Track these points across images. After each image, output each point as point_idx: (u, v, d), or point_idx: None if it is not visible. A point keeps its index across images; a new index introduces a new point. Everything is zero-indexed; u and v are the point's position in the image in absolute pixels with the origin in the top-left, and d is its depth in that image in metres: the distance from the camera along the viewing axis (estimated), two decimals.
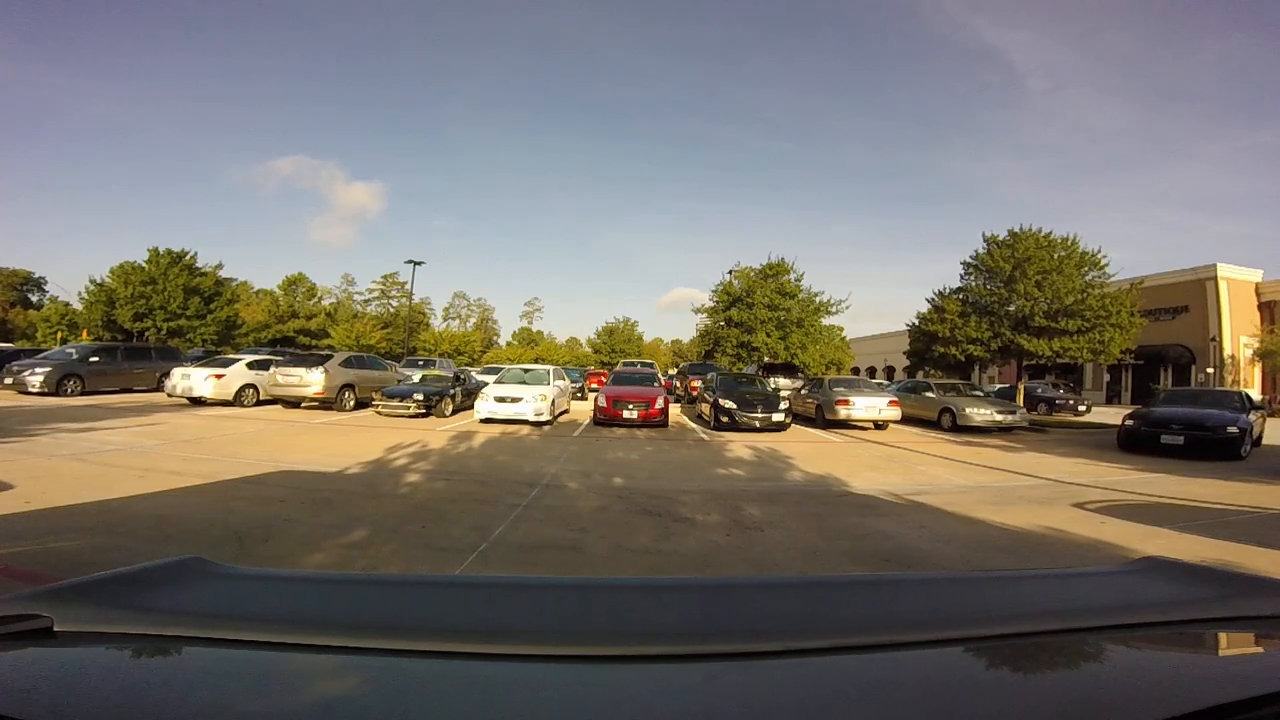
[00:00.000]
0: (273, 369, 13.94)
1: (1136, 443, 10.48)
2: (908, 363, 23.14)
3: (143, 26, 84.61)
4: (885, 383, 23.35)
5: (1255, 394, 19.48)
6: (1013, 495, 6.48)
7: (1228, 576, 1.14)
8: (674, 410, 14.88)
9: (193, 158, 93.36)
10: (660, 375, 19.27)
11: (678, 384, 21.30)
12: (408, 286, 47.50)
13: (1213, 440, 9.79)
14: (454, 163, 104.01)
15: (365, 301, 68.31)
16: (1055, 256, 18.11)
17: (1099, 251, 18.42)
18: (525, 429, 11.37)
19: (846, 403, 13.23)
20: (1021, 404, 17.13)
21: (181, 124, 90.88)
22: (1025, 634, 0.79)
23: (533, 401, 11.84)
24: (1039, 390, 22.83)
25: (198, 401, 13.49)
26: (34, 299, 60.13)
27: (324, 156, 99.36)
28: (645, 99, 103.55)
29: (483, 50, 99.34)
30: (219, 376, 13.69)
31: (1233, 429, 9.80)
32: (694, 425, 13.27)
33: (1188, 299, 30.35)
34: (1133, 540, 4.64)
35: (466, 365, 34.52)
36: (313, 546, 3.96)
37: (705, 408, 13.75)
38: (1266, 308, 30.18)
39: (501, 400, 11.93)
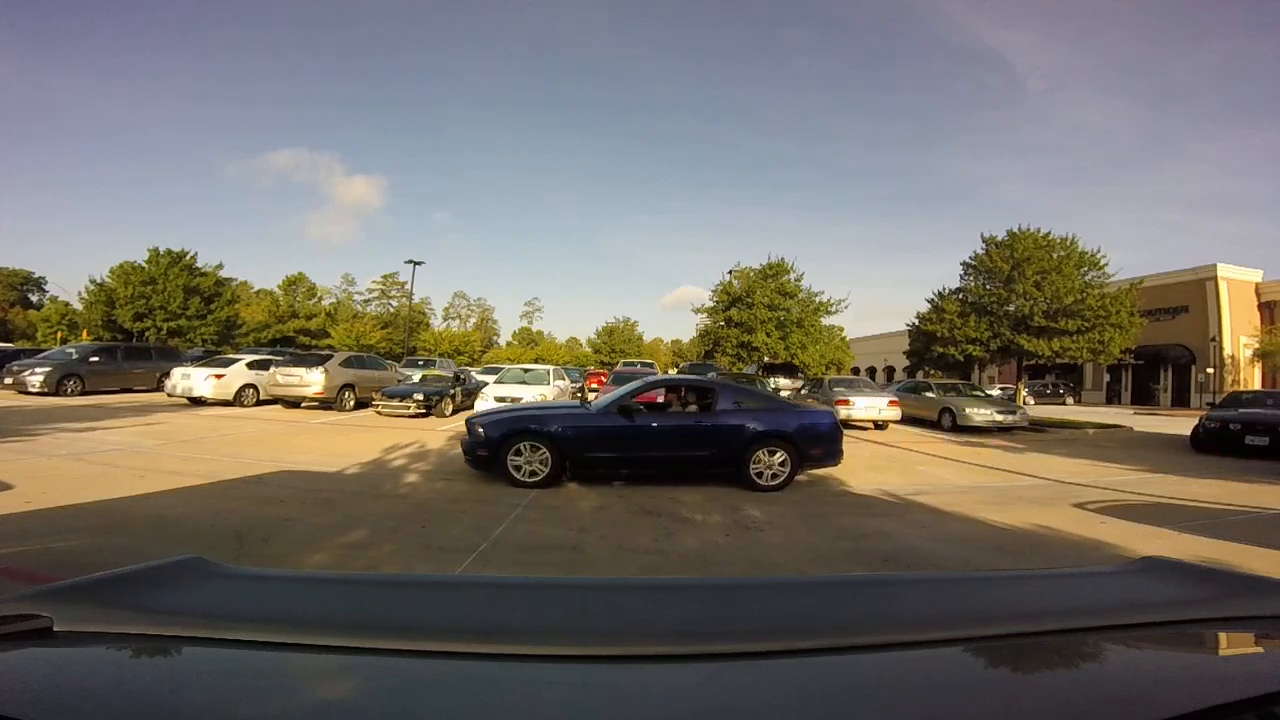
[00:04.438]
0: (273, 369, 13.93)
1: None
2: (908, 363, 23.15)
3: (142, 26, 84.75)
4: (886, 383, 23.44)
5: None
6: (1013, 495, 6.47)
7: (1228, 576, 1.14)
8: None
9: (193, 158, 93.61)
10: (660, 376, 19.26)
11: None
12: (408, 286, 47.51)
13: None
14: (453, 162, 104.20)
15: (365, 301, 68.25)
16: (1054, 256, 18.09)
17: (1098, 251, 18.42)
18: None
19: (846, 403, 13.23)
20: (1022, 402, 17.15)
21: (181, 123, 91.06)
22: (1025, 634, 0.79)
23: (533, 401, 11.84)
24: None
25: (198, 401, 13.49)
26: (34, 299, 60.11)
27: (324, 152, 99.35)
28: (645, 99, 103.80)
29: (483, 50, 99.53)
30: (219, 376, 13.68)
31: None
32: None
33: (1188, 299, 30.38)
34: (1133, 540, 4.64)
35: (466, 365, 34.49)
36: (313, 546, 3.96)
37: None
38: (1266, 308, 30.19)
39: (501, 400, 11.91)
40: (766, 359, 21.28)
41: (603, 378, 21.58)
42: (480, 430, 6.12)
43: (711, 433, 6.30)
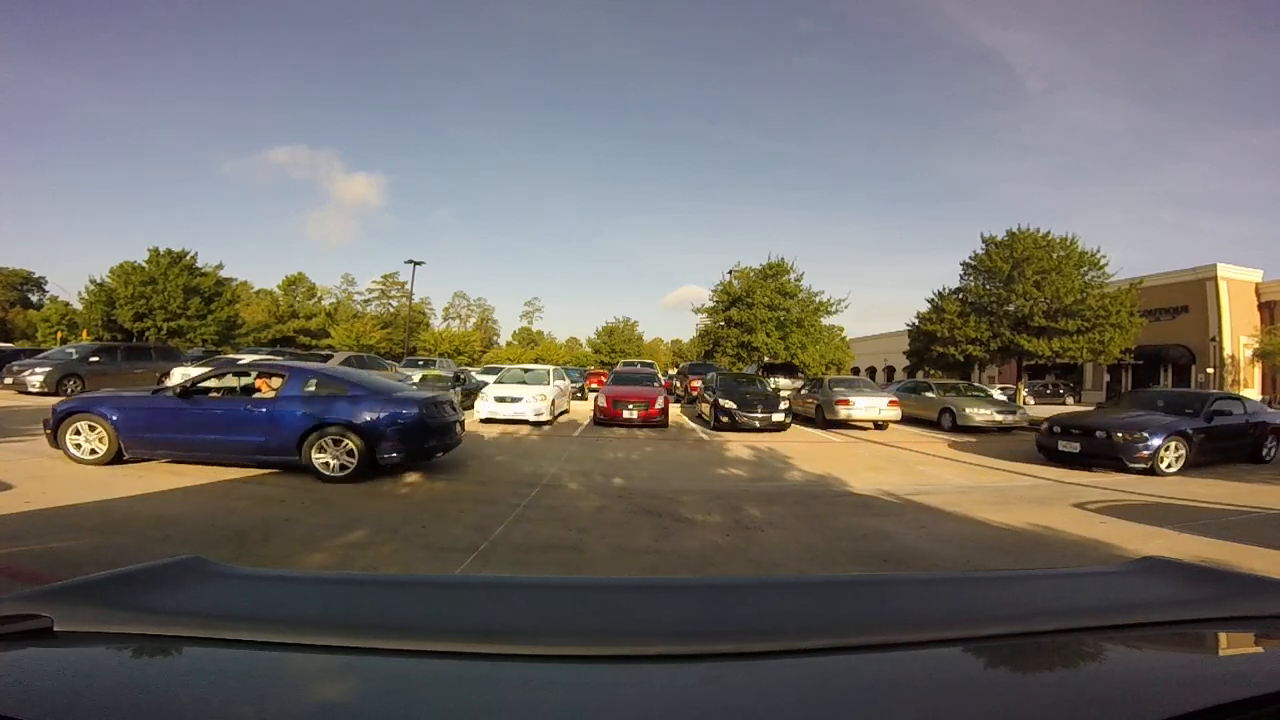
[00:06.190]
0: None
1: None
2: (908, 363, 23.16)
3: (142, 26, 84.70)
4: (886, 383, 23.46)
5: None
6: (1012, 495, 6.48)
7: (1228, 576, 1.14)
8: (674, 410, 14.87)
9: (193, 158, 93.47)
10: (660, 375, 19.27)
11: (678, 384, 21.29)
12: (408, 286, 47.49)
13: None
14: (454, 162, 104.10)
15: (365, 301, 68.27)
16: (1054, 256, 18.13)
17: (1098, 251, 18.44)
18: (525, 429, 11.37)
19: (846, 403, 13.23)
20: (1022, 402, 17.15)
21: (181, 123, 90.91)
22: (1025, 634, 0.79)
23: (532, 401, 11.84)
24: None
25: None
26: (34, 299, 60.11)
27: (323, 149, 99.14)
28: (645, 99, 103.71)
29: (483, 50, 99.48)
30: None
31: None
32: (694, 425, 13.27)
33: (1188, 299, 30.34)
34: (1133, 540, 4.64)
35: (466, 365, 34.53)
36: (313, 546, 3.96)
37: (705, 408, 13.76)
38: (1266, 308, 30.17)
39: (501, 400, 11.93)
40: (766, 359, 21.29)
41: (603, 377, 21.59)
42: (51, 409, 6.28)
43: (265, 418, 6.00)
